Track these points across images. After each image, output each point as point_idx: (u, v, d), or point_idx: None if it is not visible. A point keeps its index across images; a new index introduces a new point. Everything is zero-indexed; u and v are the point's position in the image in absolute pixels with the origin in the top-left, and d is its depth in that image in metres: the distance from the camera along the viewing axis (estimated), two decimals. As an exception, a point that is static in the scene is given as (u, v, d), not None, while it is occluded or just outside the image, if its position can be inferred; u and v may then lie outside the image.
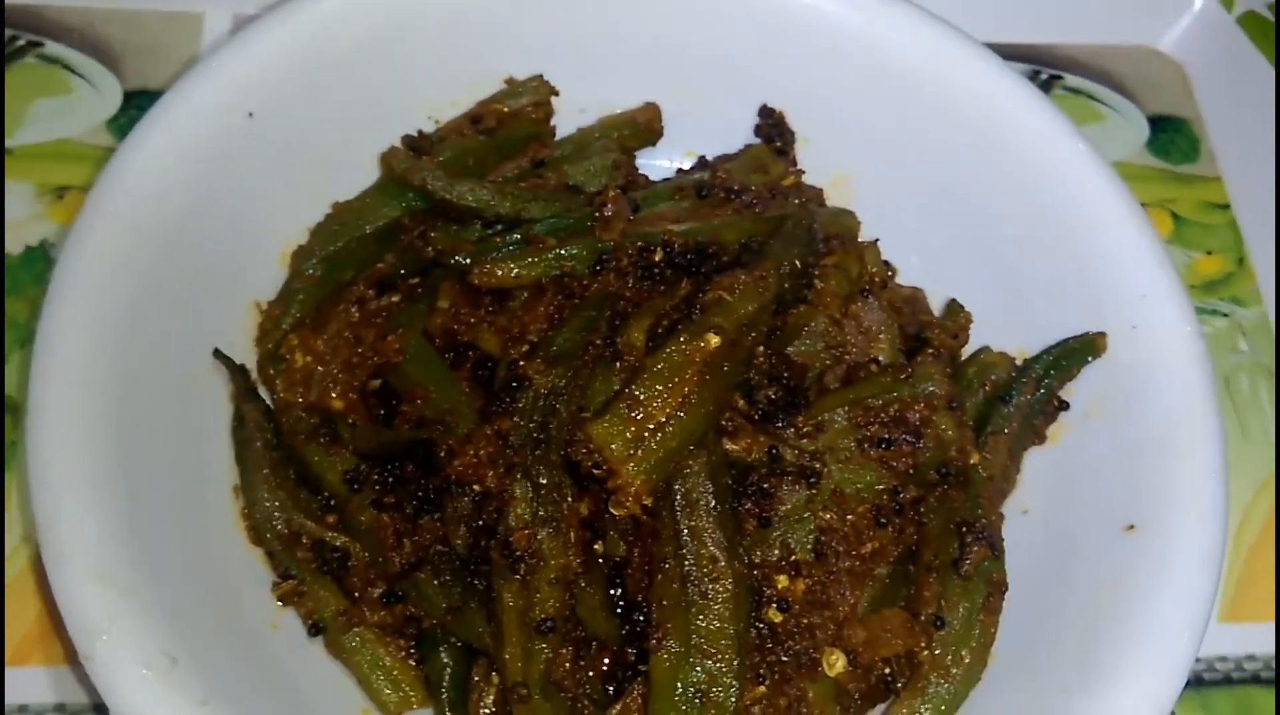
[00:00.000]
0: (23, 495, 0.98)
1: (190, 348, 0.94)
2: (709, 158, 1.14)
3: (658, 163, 1.15)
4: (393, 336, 0.96)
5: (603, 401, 0.87)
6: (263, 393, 0.98)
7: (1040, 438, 1.00)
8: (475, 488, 0.87)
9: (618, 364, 0.90)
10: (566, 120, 1.12)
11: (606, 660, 0.89)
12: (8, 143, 1.15)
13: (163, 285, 0.91)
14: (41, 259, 1.10)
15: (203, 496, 0.91)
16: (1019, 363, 1.02)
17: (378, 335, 1.01)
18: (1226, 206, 1.26)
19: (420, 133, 1.07)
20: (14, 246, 1.10)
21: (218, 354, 0.95)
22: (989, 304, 1.05)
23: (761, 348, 0.93)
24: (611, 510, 0.85)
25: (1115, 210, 1.00)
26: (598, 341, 0.91)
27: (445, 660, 0.89)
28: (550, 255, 0.94)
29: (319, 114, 1.02)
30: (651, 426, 0.85)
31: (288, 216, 1.02)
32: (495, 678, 0.89)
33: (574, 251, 0.94)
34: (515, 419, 0.87)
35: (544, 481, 0.86)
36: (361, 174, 1.06)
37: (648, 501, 0.84)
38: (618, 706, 0.86)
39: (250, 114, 0.97)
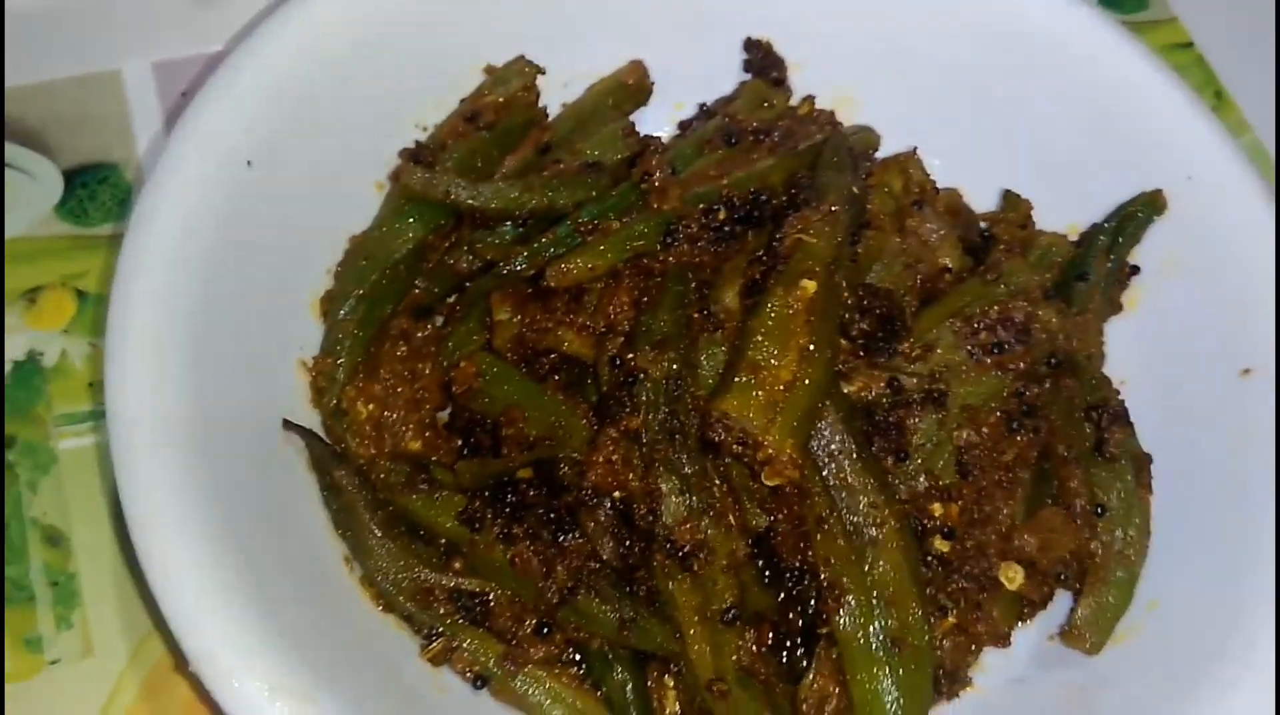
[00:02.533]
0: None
1: (254, 425, 0.86)
2: (705, 104, 1.09)
3: (652, 119, 1.10)
4: (466, 362, 0.90)
5: (718, 375, 0.84)
6: (339, 453, 0.91)
7: (1117, 307, 0.99)
8: (616, 495, 0.83)
9: (719, 333, 0.86)
10: (551, 99, 1.06)
11: (770, 634, 0.86)
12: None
13: (212, 362, 0.83)
14: (36, 373, 1.00)
15: (321, 576, 0.84)
16: (1073, 240, 1.02)
17: (434, 366, 0.95)
18: (1189, 44, 1.27)
19: (418, 143, 1.00)
20: (-2, 366, 1.00)
21: (288, 424, 0.87)
22: (1027, 189, 1.04)
23: (843, 282, 0.90)
24: (765, 482, 0.81)
25: (1137, 64, 1.00)
26: (694, 315, 0.87)
27: (622, 676, 0.85)
28: (619, 238, 0.88)
29: (312, 147, 0.94)
30: (781, 387, 0.81)
31: (304, 262, 0.95)
32: (671, 681, 0.86)
33: (642, 228, 0.89)
34: (643, 415, 0.82)
35: (690, 471, 0.82)
36: (363, 201, 0.99)
37: (802, 465, 0.81)
38: (809, 676, 0.83)
39: (249, 163, 0.89)
